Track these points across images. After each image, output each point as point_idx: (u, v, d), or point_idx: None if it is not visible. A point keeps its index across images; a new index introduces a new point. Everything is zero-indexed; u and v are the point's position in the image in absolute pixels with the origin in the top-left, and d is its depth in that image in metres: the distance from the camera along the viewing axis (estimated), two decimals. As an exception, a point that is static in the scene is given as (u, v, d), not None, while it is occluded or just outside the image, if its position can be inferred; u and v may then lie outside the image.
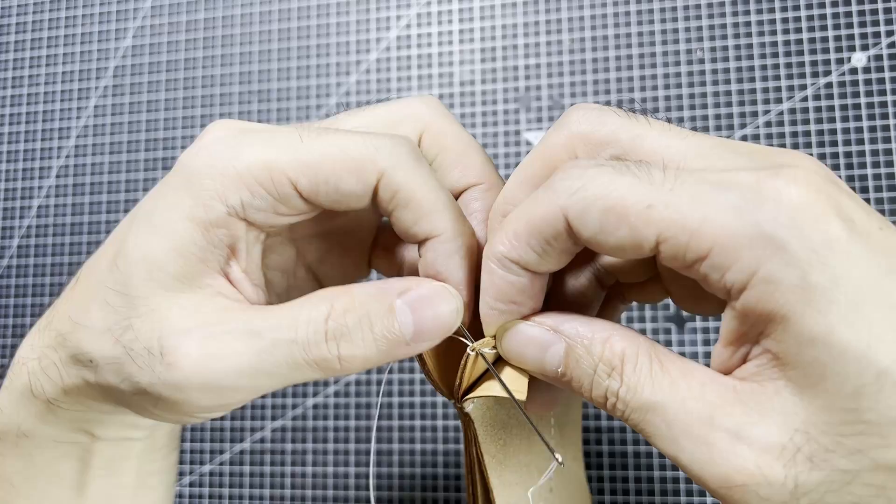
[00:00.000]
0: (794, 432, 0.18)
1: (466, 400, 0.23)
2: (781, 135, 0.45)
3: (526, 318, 0.22)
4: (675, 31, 0.47)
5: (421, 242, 0.24)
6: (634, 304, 0.42)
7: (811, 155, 0.45)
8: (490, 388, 0.23)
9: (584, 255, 0.25)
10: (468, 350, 0.23)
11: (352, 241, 0.29)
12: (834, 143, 0.45)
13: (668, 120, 0.22)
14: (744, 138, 0.46)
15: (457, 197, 0.25)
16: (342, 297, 0.22)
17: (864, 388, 0.17)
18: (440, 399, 0.47)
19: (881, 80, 0.45)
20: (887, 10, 0.45)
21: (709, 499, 0.43)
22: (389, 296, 0.22)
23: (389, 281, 0.23)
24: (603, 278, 0.25)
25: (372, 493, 0.32)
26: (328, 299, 0.22)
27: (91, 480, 0.27)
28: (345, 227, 0.28)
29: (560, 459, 0.23)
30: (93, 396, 0.25)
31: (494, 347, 0.23)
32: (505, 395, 0.22)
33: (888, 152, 0.44)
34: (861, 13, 0.45)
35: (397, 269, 0.28)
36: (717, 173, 0.18)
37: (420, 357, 0.23)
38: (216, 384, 0.21)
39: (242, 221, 0.23)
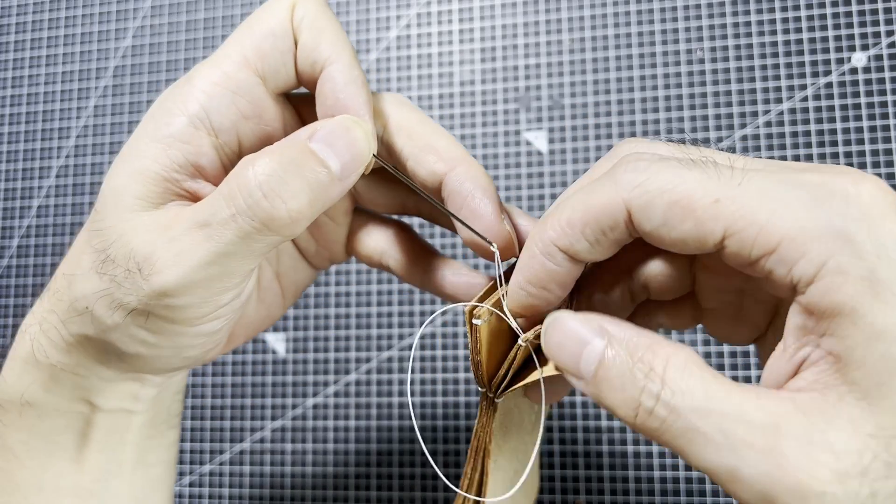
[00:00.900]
0: (868, 438, 0.17)
1: (507, 392, 0.24)
2: (781, 135, 0.45)
3: (571, 310, 0.22)
4: (675, 31, 0.47)
5: (318, 81, 0.24)
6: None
7: (811, 155, 0.45)
8: (532, 379, 0.23)
9: (620, 267, 0.25)
10: (519, 341, 0.23)
11: (328, 228, 0.30)
12: (834, 143, 0.45)
13: (723, 149, 0.21)
14: (744, 138, 0.46)
15: (438, 184, 0.26)
16: (259, 158, 0.22)
17: None
18: (440, 399, 0.47)
19: (881, 80, 0.45)
20: (887, 10, 0.45)
21: (709, 499, 0.43)
22: (301, 142, 0.23)
23: (292, 134, 0.24)
24: (636, 292, 0.25)
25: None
26: (247, 164, 0.22)
27: (90, 454, 0.28)
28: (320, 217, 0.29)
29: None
30: (92, 355, 0.25)
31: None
32: (548, 375, 0.23)
33: (888, 152, 0.44)
34: (861, 13, 0.45)
35: (378, 256, 0.29)
36: (783, 172, 0.19)
37: (475, 345, 0.23)
38: (192, 279, 0.22)
39: (209, 136, 0.24)
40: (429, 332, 0.48)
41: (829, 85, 0.45)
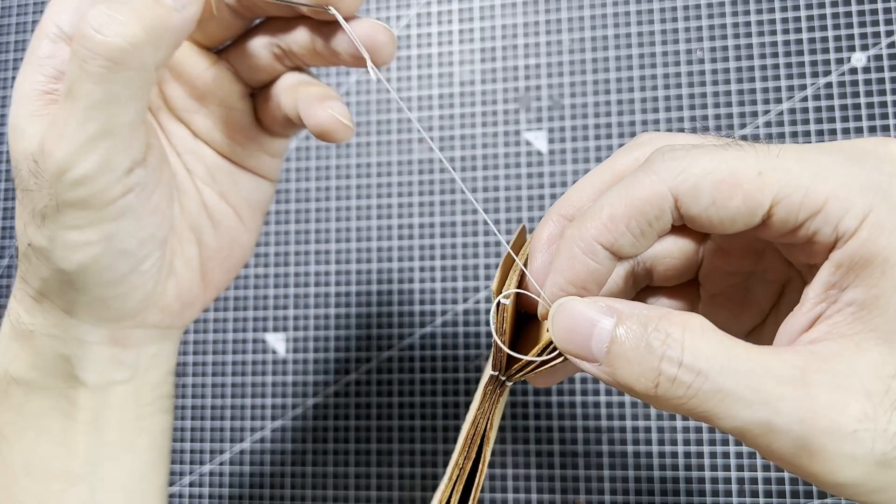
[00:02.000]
0: (889, 379, 0.18)
1: (524, 375, 0.24)
2: (781, 135, 0.45)
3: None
4: (675, 31, 0.47)
5: None
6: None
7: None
8: (558, 361, 0.23)
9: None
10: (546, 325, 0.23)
11: (234, 117, 0.30)
12: (834, 143, 0.45)
13: (744, 138, 0.22)
14: (744, 139, 0.46)
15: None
16: (88, 10, 0.23)
17: None
18: (440, 399, 0.47)
19: (881, 80, 0.45)
20: (887, 10, 0.45)
21: (709, 499, 0.43)
22: None
23: None
24: (639, 277, 0.25)
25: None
26: (79, 22, 0.23)
27: (77, 437, 0.28)
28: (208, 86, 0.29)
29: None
30: (58, 304, 0.26)
31: None
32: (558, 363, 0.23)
33: (888, 152, 0.44)
34: (861, 13, 0.45)
35: (288, 114, 0.29)
36: (814, 144, 0.20)
37: (500, 325, 0.23)
38: (75, 146, 0.23)
39: (69, 45, 0.25)
40: (429, 333, 0.48)
41: (829, 85, 0.45)
